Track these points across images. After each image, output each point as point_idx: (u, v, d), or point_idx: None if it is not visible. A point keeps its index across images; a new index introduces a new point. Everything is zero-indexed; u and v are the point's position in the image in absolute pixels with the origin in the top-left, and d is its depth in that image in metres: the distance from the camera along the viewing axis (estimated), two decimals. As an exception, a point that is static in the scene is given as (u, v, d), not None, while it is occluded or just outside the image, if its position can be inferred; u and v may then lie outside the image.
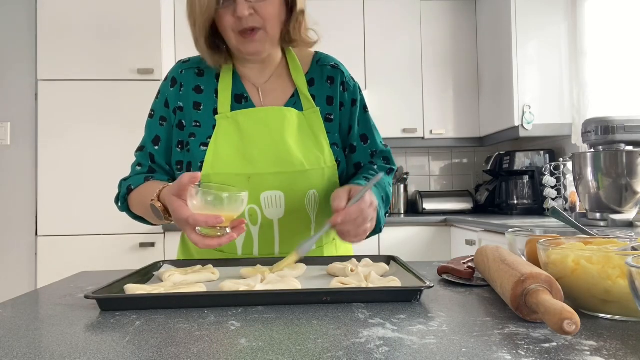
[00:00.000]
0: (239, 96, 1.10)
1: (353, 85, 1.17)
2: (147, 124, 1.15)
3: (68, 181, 2.85)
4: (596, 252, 0.60)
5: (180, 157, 1.09)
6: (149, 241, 2.84)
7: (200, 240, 0.81)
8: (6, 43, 2.96)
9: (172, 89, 1.11)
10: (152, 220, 1.08)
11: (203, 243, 0.81)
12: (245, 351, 0.48)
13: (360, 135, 1.16)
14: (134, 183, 1.08)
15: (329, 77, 1.14)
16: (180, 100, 1.10)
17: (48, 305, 0.71)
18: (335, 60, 1.18)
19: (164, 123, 1.11)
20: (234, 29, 1.01)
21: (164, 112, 1.12)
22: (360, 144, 1.16)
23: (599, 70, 2.71)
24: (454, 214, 3.29)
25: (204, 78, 1.11)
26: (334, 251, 1.15)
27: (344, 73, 1.16)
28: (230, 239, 0.83)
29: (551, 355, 0.46)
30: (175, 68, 1.14)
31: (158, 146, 1.12)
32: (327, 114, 1.12)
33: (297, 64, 1.14)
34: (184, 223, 0.81)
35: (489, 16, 3.28)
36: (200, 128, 1.06)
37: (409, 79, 3.40)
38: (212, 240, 0.82)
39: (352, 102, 1.15)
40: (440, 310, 0.63)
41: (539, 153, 3.13)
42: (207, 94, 1.09)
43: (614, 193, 1.98)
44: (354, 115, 1.15)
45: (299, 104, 1.10)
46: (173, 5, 3.18)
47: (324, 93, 1.13)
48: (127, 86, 2.90)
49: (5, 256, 2.90)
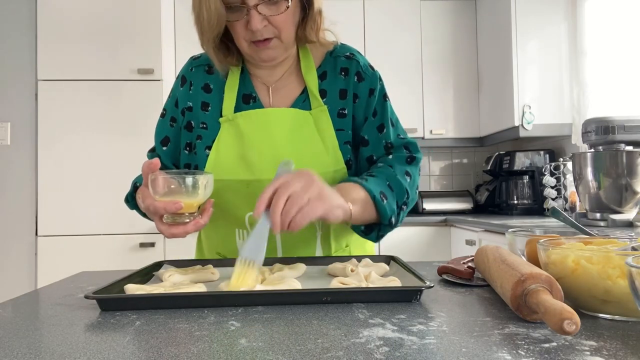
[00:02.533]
0: (247, 96, 1.06)
1: (371, 74, 1.08)
2: (158, 123, 1.12)
3: (68, 181, 2.85)
4: (596, 252, 0.60)
5: (188, 160, 1.06)
6: (149, 241, 2.84)
7: (165, 229, 0.79)
8: (6, 43, 2.96)
9: (182, 88, 1.08)
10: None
11: (168, 232, 0.79)
12: (245, 351, 0.48)
13: (376, 126, 1.06)
14: (139, 181, 1.05)
15: (343, 69, 1.06)
16: (189, 100, 1.06)
17: (48, 305, 0.71)
18: (352, 50, 1.10)
19: (173, 124, 1.09)
20: (246, 39, 0.96)
21: (173, 113, 1.09)
22: (375, 135, 1.06)
23: (599, 70, 2.71)
24: (454, 214, 3.29)
25: (213, 76, 1.07)
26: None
27: (359, 62, 1.07)
28: (196, 225, 0.80)
29: (551, 355, 0.46)
30: (187, 65, 1.10)
31: (166, 147, 1.09)
32: (341, 109, 1.05)
33: (310, 59, 1.07)
34: (150, 212, 0.79)
35: (489, 16, 3.28)
36: (207, 130, 1.03)
37: (409, 79, 3.40)
38: (177, 228, 0.79)
39: (370, 91, 1.06)
40: (440, 310, 0.63)
41: (539, 153, 3.13)
42: (215, 94, 1.06)
43: (614, 193, 1.98)
44: (370, 106, 1.06)
45: (307, 102, 1.04)
46: (173, 5, 3.18)
47: (337, 86, 1.05)
48: (127, 86, 2.90)
49: (5, 256, 2.90)
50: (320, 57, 1.08)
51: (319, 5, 1.00)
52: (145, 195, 0.81)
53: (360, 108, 1.06)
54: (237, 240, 1.04)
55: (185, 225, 0.79)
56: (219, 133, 1.02)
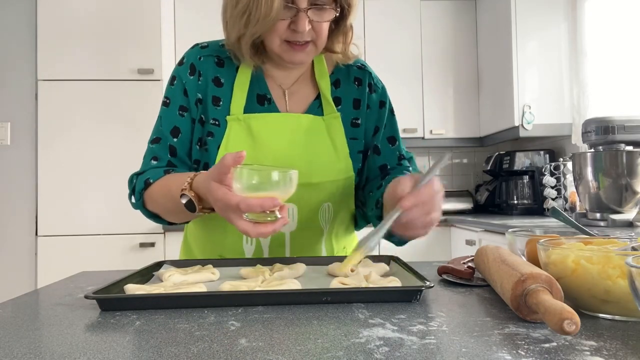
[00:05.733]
0: (262, 97, 1.03)
1: (382, 87, 1.12)
2: (163, 112, 1.03)
3: (68, 181, 2.85)
4: (596, 252, 0.60)
5: (197, 156, 1.02)
6: (149, 241, 2.84)
7: (251, 228, 0.73)
8: (6, 43, 2.97)
9: (192, 77, 1.02)
10: (171, 217, 0.98)
11: (256, 231, 0.73)
12: (245, 351, 0.48)
13: (387, 138, 1.10)
14: (153, 177, 0.97)
15: (356, 79, 1.09)
16: (199, 91, 1.01)
17: (48, 305, 0.71)
18: (362, 61, 1.12)
19: (184, 113, 1.01)
20: (283, 38, 0.95)
21: (183, 101, 1.02)
22: (387, 146, 1.10)
23: (599, 70, 2.71)
24: (454, 214, 3.29)
25: (224, 69, 1.02)
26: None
27: (371, 74, 1.11)
28: (284, 223, 0.75)
29: (551, 355, 0.46)
30: (193, 53, 1.04)
31: (177, 138, 1.01)
32: (354, 118, 1.07)
33: (323, 65, 1.08)
34: (232, 210, 0.72)
35: (489, 16, 3.28)
36: (219, 127, 1.00)
37: (409, 79, 3.40)
38: (265, 227, 0.73)
39: (381, 104, 1.10)
40: (440, 310, 0.63)
41: (539, 153, 3.13)
42: (226, 89, 1.02)
43: (614, 193, 1.98)
44: (382, 118, 1.10)
45: (321, 108, 1.05)
46: (173, 5, 3.18)
47: (351, 95, 1.07)
48: (127, 86, 2.90)
49: (5, 256, 2.91)
50: (332, 64, 1.09)
51: (352, 20, 1.02)
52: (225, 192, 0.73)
53: (371, 118, 1.09)
54: (244, 244, 1.02)
55: (273, 223, 0.74)
56: (226, 132, 0.99)
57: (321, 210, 1.03)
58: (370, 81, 1.10)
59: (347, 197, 1.06)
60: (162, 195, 0.94)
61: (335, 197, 1.03)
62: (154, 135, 1.04)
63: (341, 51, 1.05)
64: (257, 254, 1.02)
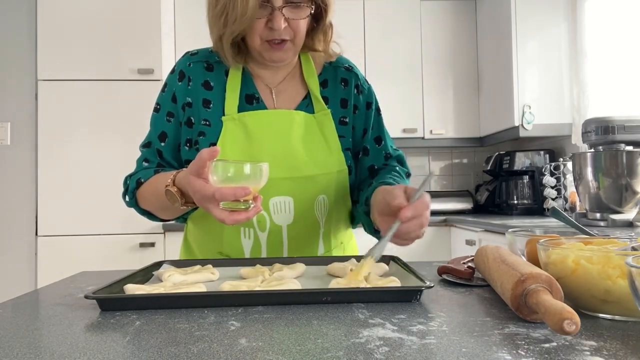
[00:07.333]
0: (250, 96, 1.07)
1: (367, 88, 1.15)
2: (153, 118, 1.10)
3: (68, 181, 2.85)
4: (596, 252, 0.60)
5: (189, 156, 1.05)
6: (149, 241, 2.84)
7: (226, 216, 0.78)
8: (6, 43, 2.96)
9: (180, 83, 1.07)
10: (161, 213, 1.04)
11: (231, 218, 0.78)
12: (245, 351, 0.48)
13: (374, 138, 1.14)
14: (144, 176, 1.03)
15: (343, 79, 1.12)
16: (188, 95, 1.06)
17: (48, 305, 0.71)
18: (349, 62, 1.16)
19: (171, 119, 1.07)
20: (262, 37, 0.99)
21: (170, 107, 1.07)
22: (374, 147, 1.13)
23: (599, 70, 2.71)
24: (454, 214, 3.29)
25: (213, 73, 1.07)
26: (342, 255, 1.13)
27: (358, 76, 1.14)
28: (256, 211, 0.80)
29: (551, 355, 0.46)
30: (183, 61, 1.10)
31: (164, 142, 1.07)
32: (342, 116, 1.10)
33: (311, 65, 1.11)
34: (209, 200, 0.78)
35: (489, 16, 3.28)
36: (210, 127, 1.03)
37: (409, 79, 3.40)
38: (239, 215, 0.78)
39: (367, 105, 1.13)
40: (440, 310, 0.63)
41: (539, 153, 3.13)
42: (216, 91, 1.06)
43: (614, 193, 1.98)
44: (369, 119, 1.13)
45: (311, 106, 1.08)
46: (173, 5, 3.18)
47: (338, 95, 1.11)
48: (127, 86, 2.90)
49: (5, 256, 2.91)
50: (320, 65, 1.13)
51: (330, 18, 1.05)
52: (202, 184, 0.79)
53: (359, 119, 1.13)
54: (243, 239, 1.04)
55: (247, 212, 0.79)
56: (222, 131, 1.02)
57: (316, 203, 1.05)
58: (357, 82, 1.13)
59: (341, 191, 1.08)
60: (151, 193, 1.00)
61: (329, 190, 1.06)
62: (146, 140, 1.10)
63: (323, 49, 1.09)
64: (256, 249, 1.04)
